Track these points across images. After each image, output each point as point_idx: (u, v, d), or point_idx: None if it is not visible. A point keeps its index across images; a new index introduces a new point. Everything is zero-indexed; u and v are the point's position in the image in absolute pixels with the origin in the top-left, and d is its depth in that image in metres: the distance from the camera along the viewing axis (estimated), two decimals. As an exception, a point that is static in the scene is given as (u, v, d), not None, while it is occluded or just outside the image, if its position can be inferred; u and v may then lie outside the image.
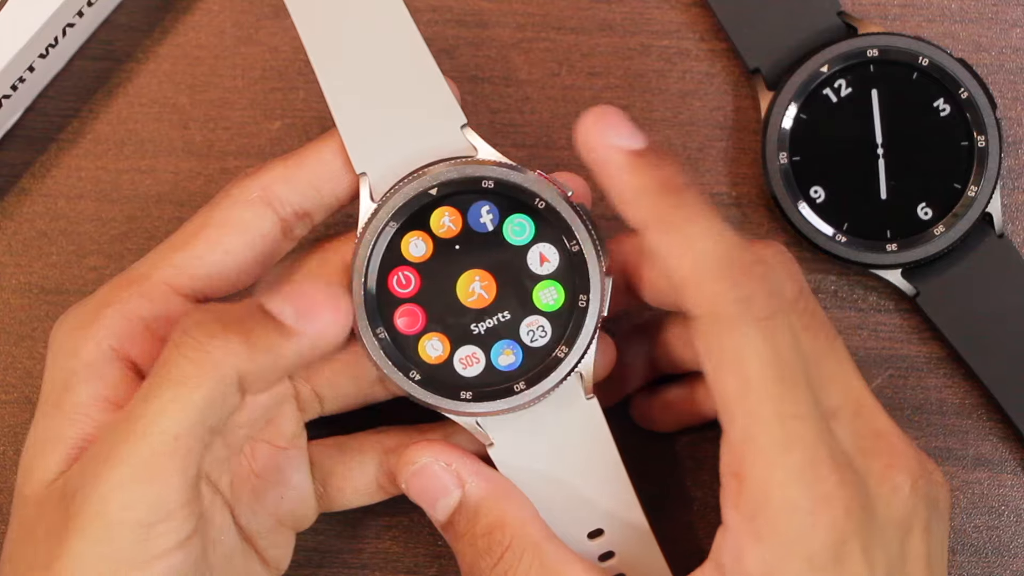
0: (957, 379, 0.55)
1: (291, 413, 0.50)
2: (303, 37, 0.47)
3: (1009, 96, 0.56)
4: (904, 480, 0.45)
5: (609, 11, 0.56)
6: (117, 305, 0.46)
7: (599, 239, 0.47)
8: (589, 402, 0.48)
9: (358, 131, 0.47)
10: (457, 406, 0.47)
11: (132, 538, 0.42)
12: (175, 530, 0.43)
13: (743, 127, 0.56)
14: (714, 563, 0.44)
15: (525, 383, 0.47)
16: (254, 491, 0.49)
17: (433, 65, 0.47)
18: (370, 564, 0.54)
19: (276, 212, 0.47)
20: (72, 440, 0.45)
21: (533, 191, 0.47)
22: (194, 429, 0.43)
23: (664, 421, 0.53)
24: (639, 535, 0.49)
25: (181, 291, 0.47)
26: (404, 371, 0.47)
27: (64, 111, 0.56)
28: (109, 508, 0.42)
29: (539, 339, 0.47)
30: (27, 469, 0.45)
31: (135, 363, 0.46)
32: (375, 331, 0.47)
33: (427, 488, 0.48)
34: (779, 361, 0.43)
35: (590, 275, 0.47)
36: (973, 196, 0.53)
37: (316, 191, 0.47)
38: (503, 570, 0.46)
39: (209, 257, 0.47)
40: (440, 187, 0.47)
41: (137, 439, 0.43)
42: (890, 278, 0.54)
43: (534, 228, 0.47)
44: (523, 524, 0.47)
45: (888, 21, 0.56)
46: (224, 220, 0.47)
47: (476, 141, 0.47)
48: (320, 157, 0.47)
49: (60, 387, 0.46)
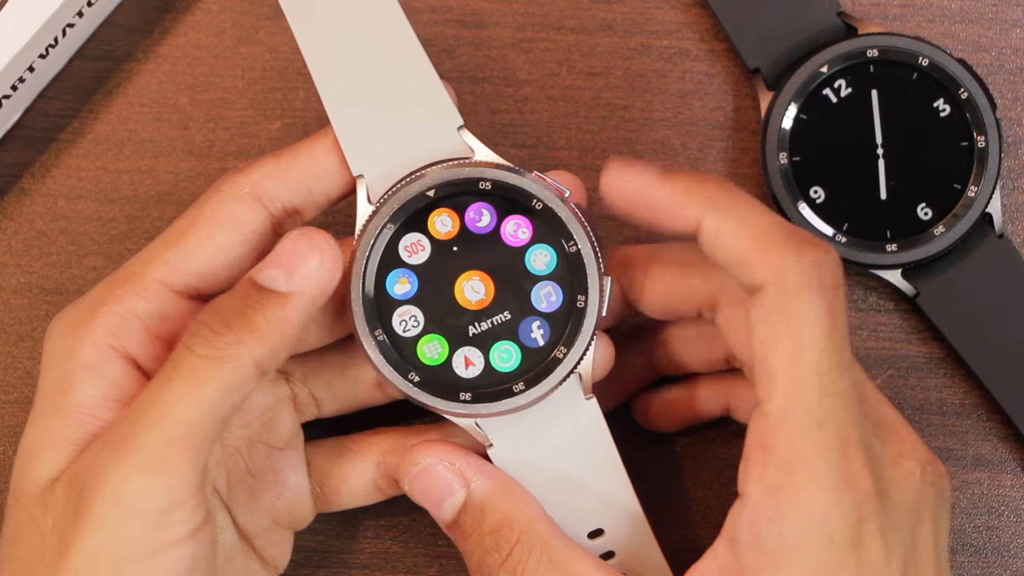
0: (957, 379, 0.55)
1: (288, 414, 0.50)
2: (299, 40, 0.47)
3: (1009, 96, 0.56)
4: (915, 467, 0.45)
5: (609, 11, 0.56)
6: (112, 304, 0.46)
7: (597, 240, 0.47)
8: (588, 402, 0.48)
9: (355, 133, 0.47)
10: (456, 407, 0.47)
11: (145, 525, 0.43)
12: (186, 519, 0.43)
13: (743, 127, 0.56)
14: (727, 539, 0.44)
15: (524, 384, 0.47)
16: (251, 491, 0.49)
17: (429, 67, 0.47)
18: (370, 564, 0.54)
19: (266, 208, 0.47)
20: (77, 441, 0.45)
21: (530, 192, 0.47)
22: (206, 419, 0.43)
23: (665, 422, 0.53)
24: (639, 535, 0.49)
25: (174, 288, 0.47)
26: (403, 373, 0.47)
27: (64, 111, 0.56)
28: (123, 495, 0.42)
29: (538, 340, 0.47)
30: (25, 467, 0.45)
31: (136, 360, 0.46)
32: (374, 333, 0.47)
33: (431, 488, 0.48)
34: (835, 334, 0.43)
35: (588, 276, 0.47)
36: (973, 196, 0.53)
37: (307, 189, 0.47)
38: (512, 566, 0.46)
39: (201, 253, 0.47)
40: (437, 189, 0.47)
41: (149, 427, 0.43)
42: (890, 278, 0.54)
43: (531, 229, 0.47)
44: (531, 520, 0.47)
45: (888, 21, 0.56)
46: (214, 216, 0.47)
47: (473, 143, 0.47)
48: (312, 155, 0.47)
49: (58, 387, 0.46)
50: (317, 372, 0.50)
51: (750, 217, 0.44)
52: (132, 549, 0.43)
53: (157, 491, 0.43)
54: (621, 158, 0.47)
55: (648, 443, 0.54)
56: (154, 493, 0.43)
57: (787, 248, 0.44)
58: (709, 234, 0.45)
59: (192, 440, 0.43)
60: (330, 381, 0.50)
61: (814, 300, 0.43)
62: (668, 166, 0.46)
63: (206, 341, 0.44)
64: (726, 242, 0.44)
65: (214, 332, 0.44)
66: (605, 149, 0.55)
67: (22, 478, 0.45)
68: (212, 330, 0.44)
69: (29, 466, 0.45)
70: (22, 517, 0.45)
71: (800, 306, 0.43)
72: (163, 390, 0.43)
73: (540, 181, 0.47)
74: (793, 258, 0.43)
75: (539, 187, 0.47)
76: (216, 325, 0.44)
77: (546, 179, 0.47)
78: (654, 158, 0.55)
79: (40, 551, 0.44)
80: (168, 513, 0.43)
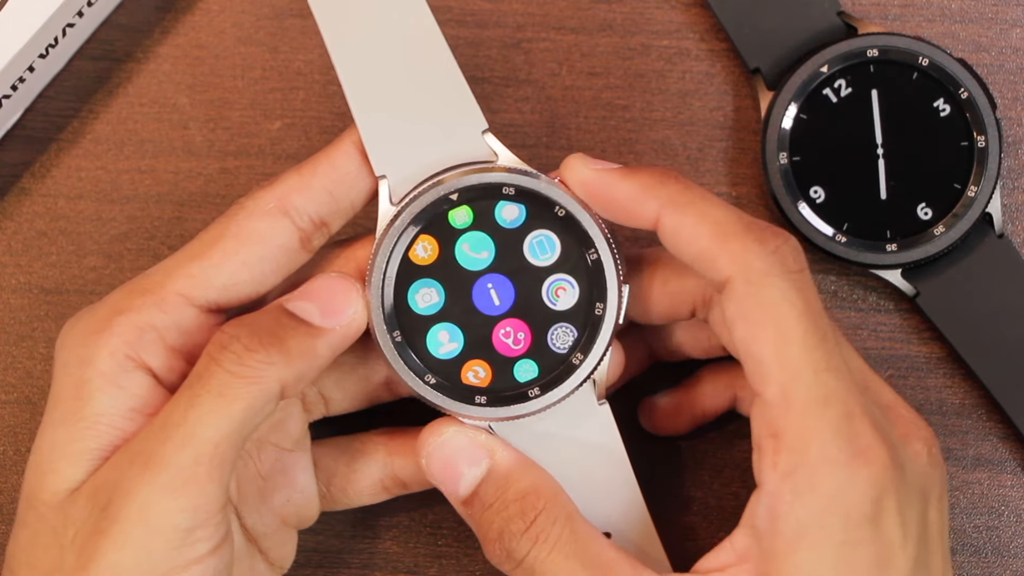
0: (957, 379, 0.55)
1: (297, 415, 0.50)
2: (326, 38, 0.47)
3: (1009, 96, 0.56)
4: (921, 447, 0.46)
5: (609, 11, 0.56)
6: (130, 313, 0.46)
7: (617, 248, 0.47)
8: (601, 408, 0.48)
9: (379, 133, 0.47)
10: (471, 411, 0.47)
11: (170, 544, 0.43)
12: (210, 536, 0.43)
13: (743, 127, 0.56)
14: (747, 527, 0.44)
15: (539, 389, 0.47)
16: (260, 493, 0.49)
17: (456, 69, 0.47)
18: (370, 564, 0.54)
19: (293, 222, 0.47)
20: (97, 451, 0.45)
21: (553, 200, 0.47)
22: (233, 438, 0.43)
23: (672, 425, 0.53)
24: (646, 541, 0.49)
25: (195, 302, 0.46)
26: (420, 375, 0.47)
27: (64, 111, 0.56)
28: (149, 514, 0.43)
29: (556, 346, 0.47)
30: (41, 475, 0.45)
31: (153, 372, 0.46)
32: (391, 334, 0.47)
33: (452, 460, 0.47)
34: (812, 313, 0.44)
35: (607, 284, 0.47)
36: (973, 196, 0.53)
37: (331, 197, 0.47)
38: (535, 533, 0.46)
39: (226, 268, 0.46)
40: (460, 193, 0.47)
41: (178, 446, 0.43)
42: (890, 278, 0.54)
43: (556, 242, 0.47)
44: (556, 493, 0.47)
45: (888, 21, 0.56)
46: (240, 232, 0.46)
47: (497, 147, 0.47)
48: (333, 163, 0.47)
49: (74, 396, 0.45)
50: (327, 371, 0.50)
51: (708, 212, 0.45)
52: (155, 566, 0.43)
53: (184, 511, 0.43)
54: (580, 153, 0.47)
55: (648, 444, 0.54)
56: (181, 512, 0.43)
57: (747, 238, 0.44)
58: (670, 231, 0.45)
59: (219, 459, 0.43)
60: (340, 380, 0.50)
61: (781, 284, 0.44)
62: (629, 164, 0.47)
63: (237, 357, 0.44)
64: (687, 237, 0.45)
65: (246, 348, 0.44)
66: (605, 149, 0.55)
67: (39, 487, 0.45)
68: (244, 345, 0.44)
69: (47, 475, 0.45)
70: (40, 527, 0.45)
71: (769, 291, 0.44)
72: (192, 407, 0.43)
73: (562, 188, 0.47)
74: (754, 246, 0.44)
75: (561, 194, 0.47)
76: (248, 341, 0.44)
77: (568, 186, 0.47)
78: (654, 158, 0.55)
79: (59, 562, 0.44)
80: (193, 531, 0.43)
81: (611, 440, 0.48)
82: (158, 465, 0.43)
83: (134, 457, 0.43)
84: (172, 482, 0.43)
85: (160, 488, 0.43)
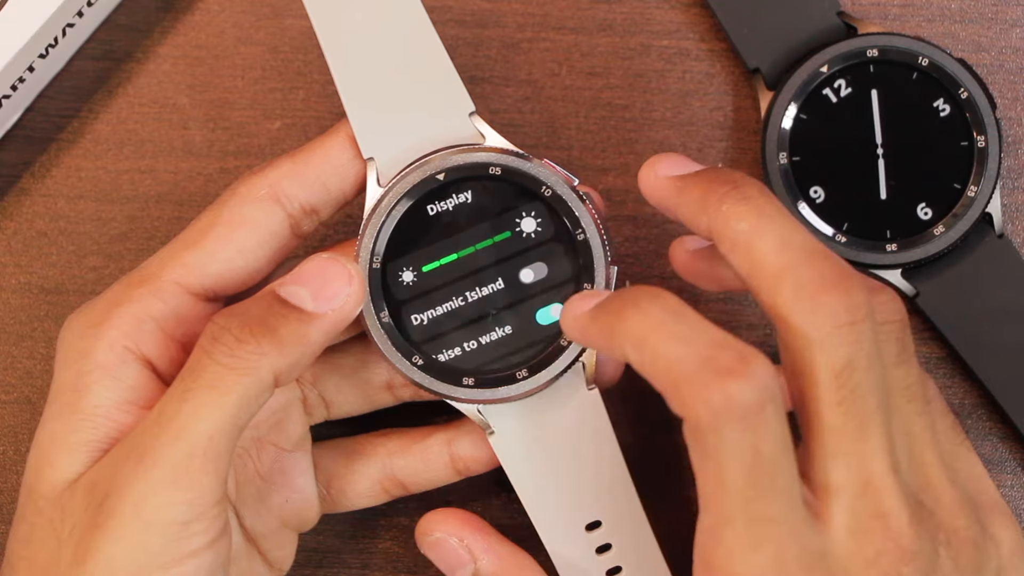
0: (957, 379, 0.55)
1: (298, 417, 0.50)
2: (314, 22, 0.47)
3: (1009, 96, 0.56)
4: None
5: (609, 11, 0.56)
6: (128, 305, 0.46)
7: (605, 228, 0.47)
8: (590, 393, 0.48)
9: (367, 116, 0.47)
10: (459, 392, 0.47)
11: (166, 537, 0.43)
12: (206, 529, 0.43)
13: (743, 127, 0.56)
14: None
15: (527, 371, 0.47)
16: (259, 493, 0.49)
17: (443, 52, 0.48)
18: (370, 564, 0.54)
19: (284, 208, 0.47)
20: (94, 443, 0.45)
21: (539, 179, 0.47)
22: (227, 429, 0.43)
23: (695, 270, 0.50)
24: (637, 528, 0.49)
25: (192, 290, 0.47)
26: (407, 356, 0.47)
27: (64, 111, 0.56)
28: (145, 508, 0.43)
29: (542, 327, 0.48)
30: (39, 469, 0.45)
31: (152, 363, 0.46)
32: (379, 315, 0.47)
33: (444, 558, 0.49)
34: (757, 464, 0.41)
35: (595, 264, 0.47)
36: (973, 196, 0.53)
37: (323, 186, 0.47)
38: None
39: (220, 255, 0.47)
40: (447, 173, 0.47)
41: (171, 440, 0.43)
42: (890, 278, 0.54)
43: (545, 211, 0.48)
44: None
45: (888, 21, 0.56)
46: (233, 218, 0.47)
47: (484, 129, 0.48)
48: (327, 152, 0.47)
49: (73, 389, 0.45)
50: (327, 374, 0.50)
51: (661, 352, 0.41)
52: (151, 560, 0.43)
53: (179, 504, 0.43)
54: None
55: (647, 440, 0.54)
56: (176, 506, 0.43)
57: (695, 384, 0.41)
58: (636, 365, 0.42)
59: (213, 452, 0.43)
60: (340, 383, 0.50)
61: (730, 435, 0.41)
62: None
63: (228, 349, 0.44)
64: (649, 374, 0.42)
65: (237, 340, 0.44)
66: (605, 149, 0.55)
67: (37, 480, 0.45)
68: (235, 337, 0.44)
69: (44, 468, 0.45)
70: (37, 520, 0.45)
71: (713, 441, 0.41)
72: (184, 401, 0.43)
73: (549, 168, 0.47)
74: (703, 392, 0.41)
75: (548, 174, 0.47)
76: (239, 332, 0.44)
77: (555, 167, 0.47)
78: (654, 158, 0.55)
79: (56, 555, 0.44)
80: (189, 525, 0.43)
81: (600, 427, 0.48)
82: (153, 459, 0.43)
83: (129, 451, 0.44)
84: (167, 476, 0.43)
85: (155, 482, 0.43)
